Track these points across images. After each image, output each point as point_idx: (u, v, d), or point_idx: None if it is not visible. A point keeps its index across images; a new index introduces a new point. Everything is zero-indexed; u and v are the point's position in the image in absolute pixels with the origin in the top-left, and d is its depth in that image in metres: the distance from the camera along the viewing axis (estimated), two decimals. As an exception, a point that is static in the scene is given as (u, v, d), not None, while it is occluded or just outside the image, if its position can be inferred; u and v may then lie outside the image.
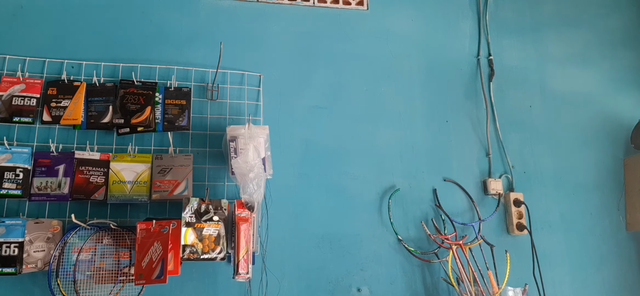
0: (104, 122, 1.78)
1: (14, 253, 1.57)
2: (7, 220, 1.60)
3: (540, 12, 2.45)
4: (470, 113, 2.22)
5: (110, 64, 1.89)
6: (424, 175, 2.09)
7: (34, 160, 1.70)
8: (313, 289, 1.86)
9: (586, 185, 2.24)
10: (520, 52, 2.36)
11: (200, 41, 2.01)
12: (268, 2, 2.14)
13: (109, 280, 1.64)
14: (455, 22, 2.33)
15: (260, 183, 1.70)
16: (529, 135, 2.25)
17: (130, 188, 1.73)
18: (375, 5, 2.25)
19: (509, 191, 2.14)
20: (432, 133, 2.15)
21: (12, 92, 1.75)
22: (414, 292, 1.94)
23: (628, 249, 2.20)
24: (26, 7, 1.90)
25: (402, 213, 2.01)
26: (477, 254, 1.95)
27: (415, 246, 1.97)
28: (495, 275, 1.91)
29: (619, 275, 2.16)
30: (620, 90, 2.43)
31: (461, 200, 2.09)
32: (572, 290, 2.09)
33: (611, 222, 2.22)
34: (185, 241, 1.65)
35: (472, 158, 2.16)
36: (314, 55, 2.12)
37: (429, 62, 2.24)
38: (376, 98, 2.13)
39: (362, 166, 2.03)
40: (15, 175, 1.64)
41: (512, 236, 2.10)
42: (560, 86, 2.36)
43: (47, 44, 1.87)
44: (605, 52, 2.47)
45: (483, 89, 2.25)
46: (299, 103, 2.05)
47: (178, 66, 1.94)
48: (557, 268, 2.10)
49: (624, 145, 2.33)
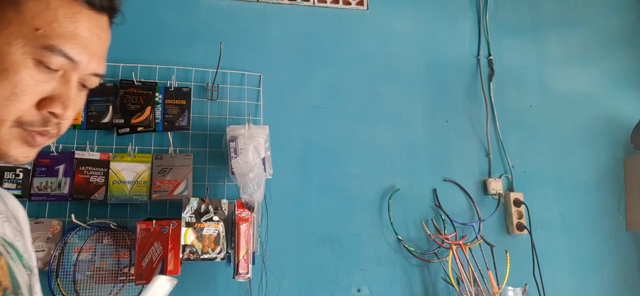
0: (104, 122, 1.78)
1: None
2: (7, 220, 1.60)
3: (540, 12, 2.44)
4: (470, 113, 2.22)
5: (110, 64, 1.89)
6: (424, 175, 2.09)
7: (34, 160, 1.70)
8: (313, 289, 1.86)
9: (586, 185, 2.24)
10: (520, 52, 2.36)
11: (200, 41, 2.01)
12: (268, 2, 2.14)
13: (109, 280, 1.64)
14: (455, 22, 2.33)
15: (260, 183, 1.70)
16: (529, 135, 2.25)
17: (130, 188, 1.73)
18: (375, 5, 2.25)
19: (509, 191, 2.14)
20: (432, 133, 2.15)
21: (12, 92, 1.75)
22: (414, 292, 1.94)
23: (628, 249, 2.20)
24: (26, 7, 1.90)
25: (402, 213, 2.01)
26: (477, 254, 1.95)
27: (415, 246, 1.97)
28: (495, 275, 1.91)
29: (619, 275, 2.16)
30: (620, 90, 2.42)
31: (461, 200, 2.09)
32: (572, 290, 2.09)
33: (611, 222, 2.22)
34: (185, 241, 1.65)
35: (472, 158, 2.16)
36: (314, 55, 2.12)
37: (429, 62, 2.24)
38: (376, 98, 2.13)
39: (362, 166, 2.03)
40: (15, 175, 1.64)
41: (512, 236, 2.10)
42: (560, 86, 2.36)
43: (47, 44, 1.87)
44: (605, 52, 2.47)
45: (483, 89, 2.25)
46: (299, 103, 2.05)
47: (178, 66, 1.94)
48: (557, 268, 2.10)
49: (624, 145, 2.33)
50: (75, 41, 0.56)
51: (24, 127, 0.56)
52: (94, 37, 0.59)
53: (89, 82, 0.61)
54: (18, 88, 0.54)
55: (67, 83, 0.58)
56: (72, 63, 0.57)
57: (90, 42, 0.58)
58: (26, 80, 0.54)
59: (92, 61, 0.59)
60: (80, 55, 0.57)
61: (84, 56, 0.58)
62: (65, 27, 0.56)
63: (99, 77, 0.62)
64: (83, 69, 0.59)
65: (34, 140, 0.57)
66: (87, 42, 0.58)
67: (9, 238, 0.64)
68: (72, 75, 0.58)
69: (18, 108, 0.54)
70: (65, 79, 0.58)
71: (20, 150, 0.57)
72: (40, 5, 0.55)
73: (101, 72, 0.61)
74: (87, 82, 0.61)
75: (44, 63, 0.55)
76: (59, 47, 0.55)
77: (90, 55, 0.58)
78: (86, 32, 0.58)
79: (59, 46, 0.55)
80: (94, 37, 0.59)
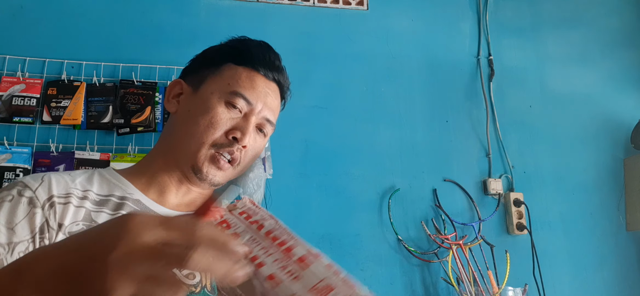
0: (104, 122, 1.78)
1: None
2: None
3: (540, 12, 2.45)
4: (470, 113, 2.22)
5: (110, 64, 1.89)
6: (424, 175, 2.09)
7: (34, 160, 1.70)
8: (313, 289, 1.86)
9: (586, 185, 2.24)
10: (520, 52, 2.36)
11: (200, 41, 1.99)
12: (268, 2, 2.14)
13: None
14: (455, 22, 2.33)
15: (260, 183, 1.70)
16: (529, 135, 2.25)
17: (130, 188, 1.73)
18: (375, 5, 2.25)
19: (509, 191, 2.14)
20: (432, 133, 2.15)
21: (12, 92, 1.75)
22: (414, 292, 1.94)
23: (628, 249, 2.20)
24: (26, 7, 1.90)
25: (402, 213, 2.01)
26: (477, 254, 1.95)
27: (415, 246, 1.97)
28: (495, 275, 1.91)
29: (619, 275, 2.16)
30: (620, 90, 2.42)
31: (461, 200, 2.09)
32: (572, 290, 2.09)
33: (611, 222, 2.22)
34: (185, 242, 1.65)
35: (472, 158, 2.16)
36: (313, 55, 2.12)
37: (429, 62, 2.24)
38: (376, 98, 2.13)
39: (362, 166, 2.03)
40: (16, 175, 1.65)
41: (512, 236, 2.10)
42: (560, 86, 2.36)
43: (47, 44, 1.87)
44: (605, 52, 2.47)
45: (483, 89, 2.25)
46: (299, 103, 2.05)
47: (178, 66, 1.94)
48: (557, 268, 2.09)
49: (624, 145, 2.33)
50: (252, 90, 0.83)
51: (216, 149, 0.80)
52: (268, 93, 0.86)
53: (264, 127, 0.86)
54: (214, 120, 0.80)
55: (247, 121, 0.82)
56: (250, 105, 0.83)
57: (264, 95, 0.85)
58: (220, 115, 0.80)
59: (265, 109, 0.85)
60: (256, 101, 0.83)
61: (258, 103, 0.84)
62: (246, 83, 0.83)
63: (271, 125, 0.87)
64: (258, 113, 0.84)
65: (219, 163, 0.80)
66: (261, 94, 0.84)
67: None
68: (251, 117, 0.82)
69: (214, 134, 0.80)
70: (246, 118, 0.82)
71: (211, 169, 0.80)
72: (232, 71, 0.85)
73: (272, 119, 0.87)
74: (263, 128, 0.86)
75: (232, 103, 0.81)
76: (240, 92, 0.82)
77: (263, 104, 0.84)
78: (261, 88, 0.85)
79: (240, 91, 0.82)
80: (268, 93, 0.86)
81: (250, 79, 0.84)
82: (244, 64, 0.85)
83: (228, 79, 0.83)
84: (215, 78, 0.84)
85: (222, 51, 0.89)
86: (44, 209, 0.68)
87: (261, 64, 0.86)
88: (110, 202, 0.76)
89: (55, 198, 0.70)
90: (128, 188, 0.79)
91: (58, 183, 0.72)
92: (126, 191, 0.78)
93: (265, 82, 0.86)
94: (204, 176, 0.80)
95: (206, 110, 0.80)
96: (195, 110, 0.81)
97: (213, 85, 0.83)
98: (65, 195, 0.72)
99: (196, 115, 0.81)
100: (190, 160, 0.80)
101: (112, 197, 0.77)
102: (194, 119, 0.81)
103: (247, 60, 0.85)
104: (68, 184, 0.73)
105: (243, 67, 0.85)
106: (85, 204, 0.73)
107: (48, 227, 0.68)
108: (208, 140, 0.79)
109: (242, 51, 0.87)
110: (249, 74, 0.84)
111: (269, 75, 0.87)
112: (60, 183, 0.73)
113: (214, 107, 0.80)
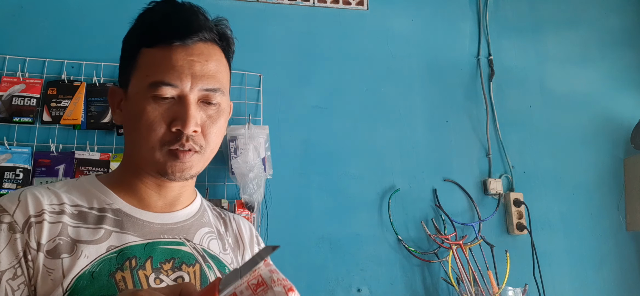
0: (104, 122, 1.78)
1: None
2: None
3: (540, 12, 2.45)
4: (470, 113, 2.22)
5: (110, 64, 1.89)
6: (424, 175, 2.09)
7: (34, 160, 1.70)
8: (313, 289, 1.86)
9: (586, 185, 2.24)
10: (520, 52, 2.36)
11: (200, 41, 2.01)
12: (268, 2, 2.14)
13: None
14: (455, 22, 2.33)
15: (260, 183, 1.71)
16: (529, 135, 2.25)
17: (130, 188, 1.73)
18: (375, 5, 2.25)
19: (509, 191, 2.14)
20: (432, 133, 2.15)
21: (12, 92, 1.75)
22: (414, 292, 1.94)
23: (628, 249, 2.20)
24: (26, 7, 1.90)
25: (402, 213, 2.01)
26: (477, 254, 1.95)
27: (415, 247, 1.97)
28: (495, 275, 1.91)
29: (619, 275, 2.16)
30: (620, 90, 2.42)
31: (461, 200, 2.09)
32: (572, 290, 2.09)
33: (611, 222, 2.22)
34: (185, 242, 1.65)
35: (472, 158, 2.16)
36: (313, 55, 2.12)
37: (429, 62, 2.24)
38: (376, 98, 2.13)
39: (362, 166, 2.03)
40: (15, 175, 1.65)
41: (512, 236, 2.10)
42: (560, 86, 2.36)
43: (47, 44, 1.87)
44: (605, 52, 2.47)
45: (483, 89, 2.25)
46: (299, 103, 2.05)
47: (178, 66, 1.94)
48: (557, 268, 2.09)
49: (624, 145, 2.33)
50: (172, 71, 0.72)
51: (168, 146, 0.73)
52: (193, 62, 0.74)
53: (210, 98, 0.75)
54: (148, 122, 0.72)
55: (183, 105, 0.73)
56: (176, 88, 0.73)
57: (188, 67, 0.73)
58: (150, 114, 0.72)
59: (198, 81, 0.74)
60: (180, 80, 0.73)
61: (185, 80, 0.73)
62: (163, 65, 0.73)
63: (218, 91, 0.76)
64: (192, 89, 0.73)
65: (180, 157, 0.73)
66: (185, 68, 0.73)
67: (214, 252, 0.82)
68: (185, 99, 0.73)
69: (156, 135, 0.73)
70: (181, 103, 0.73)
71: (175, 166, 0.74)
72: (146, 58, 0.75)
73: (213, 86, 0.75)
74: (209, 99, 0.75)
75: (157, 96, 0.72)
76: (160, 79, 0.72)
77: (192, 77, 0.73)
78: (181, 61, 0.73)
79: (160, 78, 0.72)
80: (193, 62, 0.74)
81: (166, 58, 0.73)
82: (155, 43, 0.74)
83: (145, 70, 0.74)
84: (135, 73, 0.75)
85: (131, 39, 0.79)
86: (23, 233, 0.68)
87: (172, 34, 0.74)
88: (90, 215, 0.74)
89: (32, 218, 0.69)
90: (108, 198, 0.76)
91: (33, 201, 0.71)
92: (105, 202, 0.76)
93: (186, 50, 0.74)
94: (173, 175, 0.75)
95: (138, 114, 0.73)
96: (132, 117, 0.75)
97: (136, 83, 0.75)
98: (38, 213, 0.70)
99: (134, 121, 0.74)
100: (153, 167, 0.75)
101: (92, 210, 0.74)
102: (134, 126, 0.75)
103: (157, 39, 0.74)
104: (41, 200, 0.71)
105: (156, 47, 0.74)
106: (63, 218, 0.71)
107: (29, 249, 0.67)
108: (154, 143, 0.73)
109: (147, 31, 0.76)
110: (164, 52, 0.73)
111: (187, 41, 0.75)
112: (35, 200, 0.71)
113: (143, 108, 0.72)
